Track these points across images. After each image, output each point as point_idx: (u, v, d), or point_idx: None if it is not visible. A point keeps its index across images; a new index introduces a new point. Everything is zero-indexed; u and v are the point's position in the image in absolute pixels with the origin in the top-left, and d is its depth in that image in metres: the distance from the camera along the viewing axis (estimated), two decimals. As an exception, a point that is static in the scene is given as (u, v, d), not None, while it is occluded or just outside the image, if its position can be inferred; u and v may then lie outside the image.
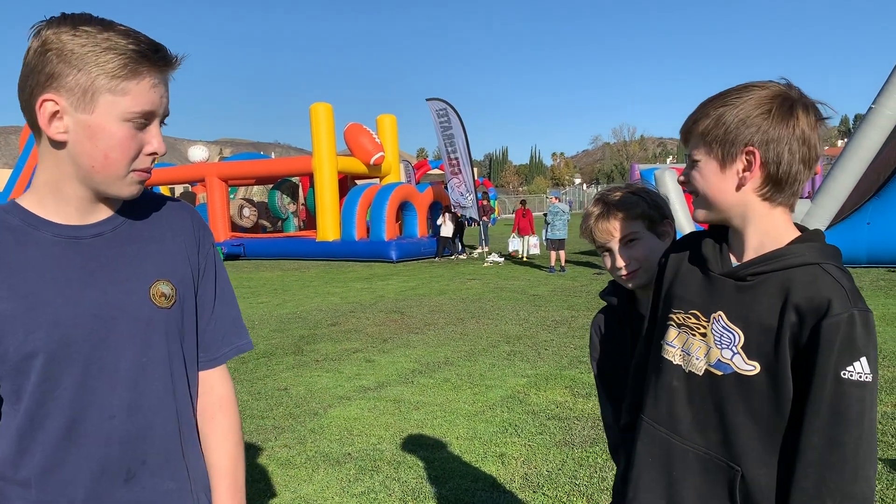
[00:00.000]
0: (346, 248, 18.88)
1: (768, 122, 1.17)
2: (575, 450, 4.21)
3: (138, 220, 1.25)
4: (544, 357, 6.74)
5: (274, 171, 21.82)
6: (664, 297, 1.42)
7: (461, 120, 18.92)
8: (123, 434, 1.16)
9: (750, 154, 1.19)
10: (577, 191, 79.99)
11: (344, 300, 11.16)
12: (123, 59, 1.08)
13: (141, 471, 1.18)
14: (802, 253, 1.19)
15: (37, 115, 1.09)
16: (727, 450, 1.24)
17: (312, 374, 6.31)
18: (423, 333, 8.11)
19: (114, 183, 1.14)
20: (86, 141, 1.09)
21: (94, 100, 1.08)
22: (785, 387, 1.18)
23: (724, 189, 1.23)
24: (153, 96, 1.12)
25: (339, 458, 4.21)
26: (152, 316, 1.19)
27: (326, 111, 19.25)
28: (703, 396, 1.28)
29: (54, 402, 1.12)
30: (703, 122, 1.22)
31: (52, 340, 1.10)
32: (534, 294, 11.31)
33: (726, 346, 1.23)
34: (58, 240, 1.14)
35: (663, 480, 1.33)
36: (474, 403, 5.26)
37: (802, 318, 1.15)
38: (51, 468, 1.13)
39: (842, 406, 1.11)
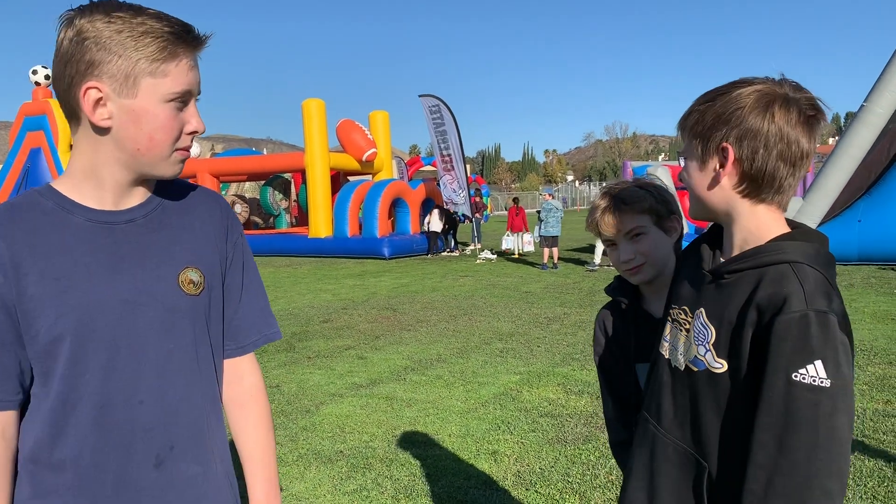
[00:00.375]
0: (338, 244, 18.83)
1: (741, 117, 1.15)
2: (567, 447, 4.20)
3: (169, 208, 1.26)
4: (537, 354, 6.74)
5: (266, 167, 21.74)
6: (668, 295, 1.43)
7: (454, 116, 18.90)
8: (152, 419, 1.17)
9: (724, 150, 1.17)
10: (570, 188, 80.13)
11: (336, 297, 11.13)
12: (161, 42, 1.10)
13: (169, 456, 1.19)
14: (779, 251, 1.16)
15: (79, 103, 1.10)
16: (698, 446, 1.25)
17: (304, 372, 6.29)
18: (415, 330, 8.09)
19: (158, 164, 1.16)
20: (130, 125, 1.12)
21: (137, 84, 1.10)
22: (746, 385, 1.16)
23: (703, 186, 1.23)
24: (190, 76, 1.15)
25: (332, 455, 4.19)
26: (180, 303, 1.21)
27: (319, 107, 19.18)
28: (682, 391, 1.29)
29: (85, 386, 1.13)
30: (689, 119, 1.23)
31: (81, 324, 1.11)
32: (526, 291, 11.31)
33: (701, 343, 1.23)
34: (91, 224, 1.16)
35: (647, 471, 1.35)
36: (467, 401, 5.25)
37: (761, 314, 1.13)
38: (83, 452, 1.14)
39: (792, 409, 1.06)
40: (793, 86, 1.18)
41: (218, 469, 1.28)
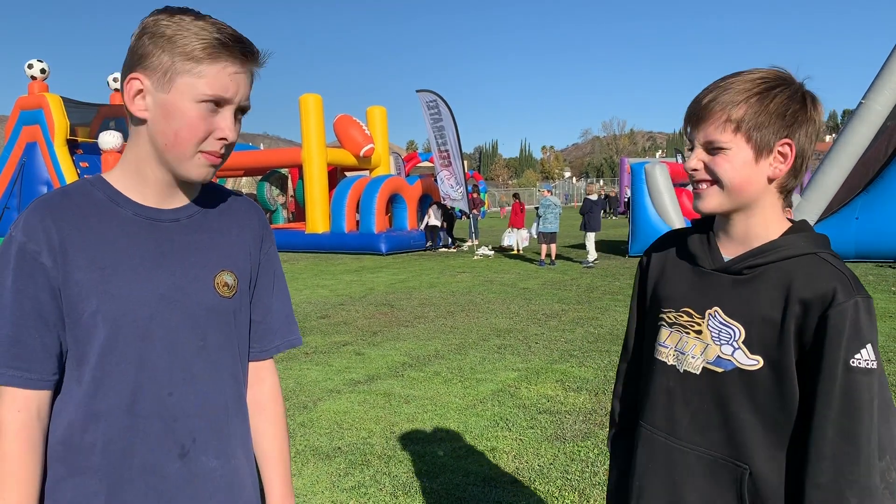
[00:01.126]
0: (335, 240, 18.79)
1: (804, 115, 1.18)
2: (566, 444, 4.19)
3: (210, 212, 1.31)
4: (535, 351, 6.73)
5: (263, 162, 21.67)
6: (651, 298, 1.39)
7: (451, 112, 18.85)
8: (179, 411, 1.21)
9: (787, 146, 1.18)
10: (567, 184, 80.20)
11: (333, 293, 11.11)
12: (204, 44, 1.13)
13: (193, 448, 1.23)
14: (797, 243, 1.18)
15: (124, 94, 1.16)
16: (732, 448, 1.21)
17: (302, 368, 6.27)
18: (413, 327, 8.08)
19: (182, 163, 1.18)
20: (161, 119, 1.16)
21: (172, 80, 1.14)
22: (789, 380, 1.16)
23: (754, 180, 1.20)
24: (228, 83, 1.16)
25: (329, 452, 4.18)
26: (214, 303, 1.25)
27: (316, 102, 19.12)
28: (701, 395, 1.25)
29: (120, 374, 1.17)
30: (737, 109, 1.18)
31: (120, 314, 1.16)
32: (524, 287, 11.31)
33: (726, 342, 1.21)
34: (137, 219, 1.21)
35: (666, 487, 1.29)
36: (465, 397, 5.24)
37: (807, 308, 1.13)
38: (113, 437, 1.18)
39: (853, 395, 1.09)
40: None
41: (238, 465, 1.32)
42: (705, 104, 1.21)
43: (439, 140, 19.21)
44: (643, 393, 1.38)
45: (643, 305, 1.43)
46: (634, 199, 15.50)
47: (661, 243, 1.41)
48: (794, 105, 1.17)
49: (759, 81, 1.18)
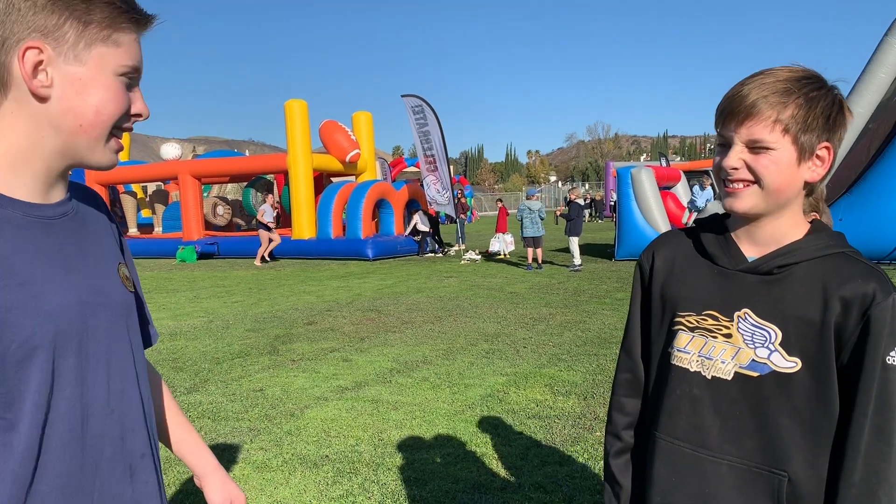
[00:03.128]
0: (321, 246, 18.71)
1: (842, 119, 1.18)
2: (556, 449, 4.17)
3: (82, 203, 1.16)
4: (523, 355, 6.71)
5: (248, 168, 21.56)
6: (660, 301, 1.32)
7: (437, 117, 18.87)
8: (122, 428, 1.10)
9: (825, 150, 1.18)
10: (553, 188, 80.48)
11: (320, 299, 11.04)
12: (113, 10, 1.00)
13: (140, 465, 1.13)
14: (824, 242, 1.18)
15: (12, 68, 0.96)
16: (768, 456, 1.17)
17: (289, 375, 6.22)
18: (400, 332, 8.03)
19: (96, 146, 1.04)
20: (73, 96, 0.99)
21: (88, 49, 0.99)
22: (829, 380, 1.14)
23: (794, 182, 1.18)
24: (139, 52, 1.06)
25: (317, 460, 4.13)
26: (125, 300, 1.14)
27: (301, 108, 19.06)
28: (733, 402, 1.20)
29: (66, 402, 1.01)
30: (787, 109, 1.14)
31: (57, 332, 1.00)
32: (511, 292, 11.29)
33: (761, 345, 1.17)
34: (29, 220, 1.02)
35: (697, 501, 1.23)
36: (453, 403, 5.21)
37: (848, 307, 1.13)
38: (71, 475, 1.02)
39: (887, 392, 1.10)
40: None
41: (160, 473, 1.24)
42: (753, 101, 1.15)
43: (425, 145, 19.21)
44: (657, 403, 1.31)
45: (649, 309, 1.36)
46: (621, 203, 15.55)
47: (664, 243, 1.36)
48: (836, 109, 1.17)
49: (806, 82, 1.16)
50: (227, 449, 4.35)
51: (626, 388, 1.42)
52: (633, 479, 1.39)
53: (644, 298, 1.39)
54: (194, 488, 3.73)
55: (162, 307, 10.71)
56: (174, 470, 4.02)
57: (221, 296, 11.88)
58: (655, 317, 1.34)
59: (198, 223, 20.99)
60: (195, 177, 21.03)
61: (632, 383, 1.41)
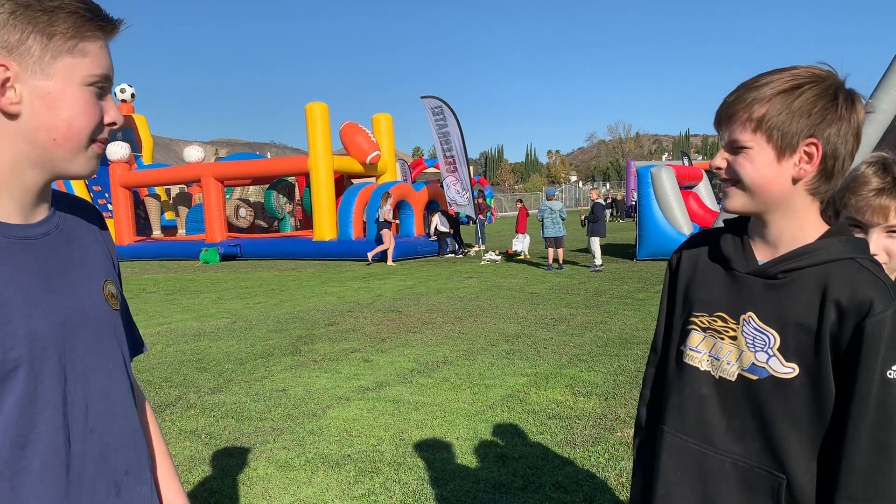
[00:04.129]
0: (342, 247, 18.83)
1: (834, 114, 1.12)
2: (577, 449, 4.18)
3: (68, 217, 1.14)
4: (544, 356, 6.71)
5: (270, 170, 21.75)
6: (683, 300, 1.35)
7: (457, 117, 18.90)
8: (104, 447, 1.09)
9: (812, 146, 1.14)
10: (574, 188, 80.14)
11: (341, 300, 11.11)
12: (78, 19, 0.98)
13: (125, 482, 1.12)
14: (835, 247, 1.14)
15: None
16: (769, 457, 1.18)
17: (311, 375, 6.27)
18: (421, 333, 8.07)
19: (74, 157, 1.03)
20: (45, 111, 0.98)
21: (54, 62, 0.97)
22: (826, 388, 1.12)
23: (776, 180, 1.16)
24: (108, 60, 1.04)
25: (339, 459, 4.17)
26: (109, 318, 1.13)
27: (322, 110, 19.19)
28: (737, 403, 1.21)
29: (45, 424, 1.00)
30: (760, 107, 1.15)
31: (33, 355, 0.98)
32: (532, 292, 11.28)
33: (760, 349, 1.18)
34: (9, 241, 1.00)
35: (697, 496, 1.26)
36: (474, 403, 5.23)
37: (843, 316, 1.10)
38: (54, 495, 1.01)
39: (889, 407, 1.06)
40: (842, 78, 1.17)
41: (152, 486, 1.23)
42: (730, 103, 1.18)
43: (445, 146, 19.25)
44: (668, 398, 1.34)
45: (672, 307, 1.39)
46: (641, 202, 15.46)
47: (693, 243, 1.37)
48: (823, 103, 1.12)
49: (788, 79, 1.14)
50: (250, 448, 4.41)
51: (651, 384, 1.48)
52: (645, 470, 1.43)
53: (670, 297, 1.42)
54: (219, 486, 3.79)
55: (186, 308, 10.85)
56: (198, 469, 4.09)
57: (244, 297, 12.00)
58: (676, 315, 1.37)
59: (221, 225, 21.21)
60: (218, 179, 21.25)
61: (656, 379, 1.46)
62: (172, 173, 23.09)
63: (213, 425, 4.93)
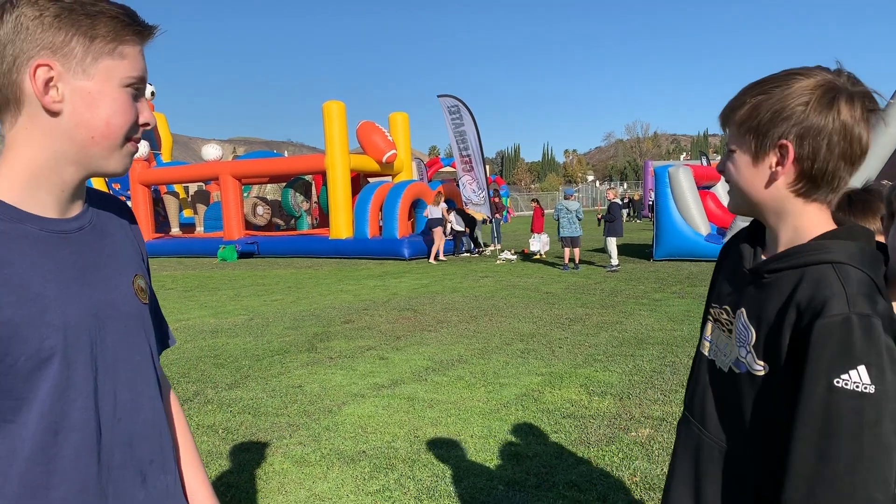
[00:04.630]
0: (358, 245, 18.90)
1: (805, 113, 1.09)
2: (591, 449, 4.18)
3: (101, 213, 1.19)
4: (558, 355, 6.71)
5: (287, 169, 21.87)
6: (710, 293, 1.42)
7: (473, 117, 18.89)
8: (130, 436, 1.13)
9: (783, 148, 1.12)
10: (591, 188, 79.83)
11: (357, 298, 11.17)
12: (118, 24, 1.04)
13: (150, 470, 1.16)
14: (822, 250, 1.12)
15: (23, 86, 1.00)
16: (748, 448, 1.22)
17: (326, 372, 6.32)
18: (436, 331, 8.10)
19: (111, 155, 1.08)
20: (84, 110, 1.03)
21: (95, 63, 1.03)
22: (785, 389, 1.12)
23: (755, 183, 1.18)
24: (144, 63, 1.10)
25: (354, 455, 4.21)
26: (138, 312, 1.17)
27: (339, 109, 19.27)
28: (727, 393, 1.27)
29: (77, 412, 1.04)
30: (739, 111, 1.17)
31: (67, 345, 1.02)
32: (547, 292, 11.27)
33: (742, 345, 1.21)
34: (46, 235, 1.05)
35: (692, 473, 1.33)
36: (488, 402, 5.24)
37: (800, 316, 1.09)
38: (87, 483, 1.05)
39: (833, 417, 1.02)
40: (850, 77, 1.12)
41: (177, 475, 1.27)
42: (726, 107, 1.22)
43: (461, 145, 19.24)
44: (692, 382, 1.42)
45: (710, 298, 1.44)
46: (658, 202, 15.38)
47: (731, 240, 1.41)
48: (795, 103, 1.10)
49: (770, 82, 1.14)
50: (266, 443, 4.45)
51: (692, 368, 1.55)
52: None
53: (711, 287, 1.47)
54: (235, 481, 3.83)
55: (204, 305, 10.95)
56: (215, 463, 4.14)
57: (261, 294, 12.09)
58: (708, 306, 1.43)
59: (238, 223, 21.37)
60: (235, 177, 21.41)
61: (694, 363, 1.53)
62: (191, 171, 23.29)
63: (231, 420, 4.99)
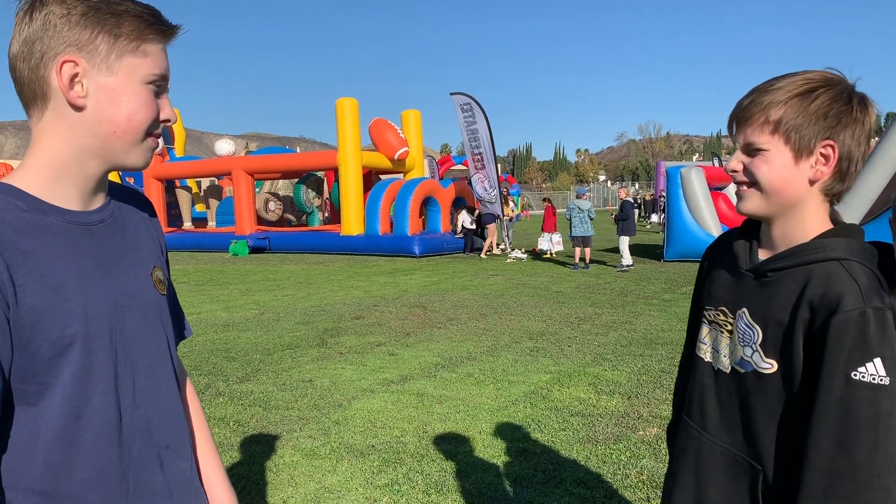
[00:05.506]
0: (369, 242, 18.97)
1: (849, 117, 1.15)
2: (598, 447, 4.20)
3: (122, 206, 1.23)
4: (567, 354, 6.73)
5: (299, 165, 21.96)
6: (703, 295, 1.42)
7: (485, 115, 18.89)
8: (148, 423, 1.17)
9: (829, 147, 1.16)
10: (602, 188, 79.53)
11: (367, 294, 11.22)
12: (142, 23, 1.07)
13: (166, 455, 1.20)
14: (826, 248, 1.16)
15: (49, 81, 1.04)
16: (751, 449, 1.23)
17: (336, 367, 6.37)
18: (445, 328, 8.13)
19: (132, 149, 1.11)
20: (107, 105, 1.06)
21: (119, 61, 1.06)
22: (800, 385, 1.15)
23: (794, 181, 1.18)
24: (166, 61, 1.13)
25: (363, 449, 4.25)
26: (157, 302, 1.20)
27: (352, 106, 19.33)
28: (729, 394, 1.27)
29: (99, 397, 1.08)
30: (776, 110, 1.17)
31: (87, 333, 1.06)
32: (557, 290, 11.28)
33: (747, 344, 1.22)
34: (69, 226, 1.09)
35: (694, 477, 1.33)
36: (497, 399, 5.27)
37: (814, 314, 1.12)
38: (108, 466, 1.09)
39: (852, 409, 1.05)
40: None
41: (194, 462, 1.31)
42: (745, 106, 1.21)
43: (473, 143, 19.25)
44: (689, 387, 1.42)
45: (698, 301, 1.46)
46: (670, 203, 15.35)
47: (718, 242, 1.43)
48: (838, 106, 1.15)
49: (802, 83, 1.16)
50: (277, 436, 4.50)
51: (680, 372, 1.58)
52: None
53: (697, 293, 1.49)
54: (246, 472, 3.88)
55: (215, 299, 11.03)
56: (226, 455, 4.19)
57: (272, 289, 12.17)
58: (700, 309, 1.44)
59: (250, 218, 21.48)
60: (248, 173, 21.52)
61: (684, 368, 1.57)
62: (204, 166, 23.42)
63: (241, 413, 5.04)
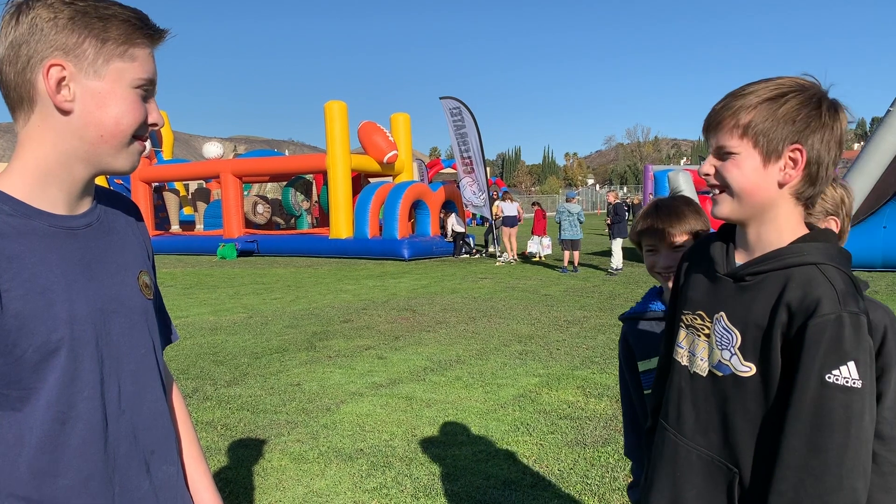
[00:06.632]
0: (358, 245, 18.93)
1: (817, 122, 1.16)
2: (587, 449, 4.21)
3: (108, 210, 1.22)
4: (556, 357, 6.74)
5: (288, 168, 21.91)
6: (679, 300, 1.42)
7: (474, 119, 18.91)
8: (134, 428, 1.16)
9: (797, 151, 1.17)
10: (591, 191, 79.86)
11: (356, 297, 11.19)
12: (129, 27, 1.07)
13: (152, 460, 1.20)
14: (803, 252, 1.17)
15: (36, 85, 1.04)
16: (727, 451, 1.24)
17: (325, 371, 6.35)
18: (434, 332, 8.12)
19: (118, 153, 1.11)
20: (94, 110, 1.06)
21: (107, 65, 1.06)
22: (776, 389, 1.16)
23: (763, 185, 1.19)
24: (154, 65, 1.13)
25: (352, 453, 4.24)
26: (143, 307, 1.20)
27: (341, 109, 19.30)
28: (706, 398, 1.28)
29: (84, 402, 1.07)
30: (746, 114, 1.18)
31: (73, 338, 1.06)
32: (546, 294, 11.30)
33: (725, 347, 1.23)
34: (55, 230, 1.08)
35: (671, 481, 1.33)
36: (486, 402, 5.27)
37: (792, 317, 1.14)
38: (94, 472, 1.09)
39: (825, 411, 1.08)
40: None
41: (180, 466, 1.30)
42: (718, 110, 1.22)
43: (462, 147, 19.26)
44: (665, 391, 1.43)
45: (675, 306, 1.47)
46: (658, 206, 15.40)
47: (694, 248, 1.44)
48: (807, 111, 1.16)
49: (773, 88, 1.18)
50: (264, 440, 4.48)
51: (657, 375, 1.58)
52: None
53: (673, 298, 1.49)
54: (234, 476, 3.86)
55: (203, 303, 10.97)
56: (214, 459, 4.17)
57: (261, 293, 12.12)
58: (677, 313, 1.44)
59: (238, 221, 21.39)
60: (236, 176, 21.44)
61: (661, 371, 1.56)
62: (191, 169, 23.32)
63: (229, 417, 5.01)
